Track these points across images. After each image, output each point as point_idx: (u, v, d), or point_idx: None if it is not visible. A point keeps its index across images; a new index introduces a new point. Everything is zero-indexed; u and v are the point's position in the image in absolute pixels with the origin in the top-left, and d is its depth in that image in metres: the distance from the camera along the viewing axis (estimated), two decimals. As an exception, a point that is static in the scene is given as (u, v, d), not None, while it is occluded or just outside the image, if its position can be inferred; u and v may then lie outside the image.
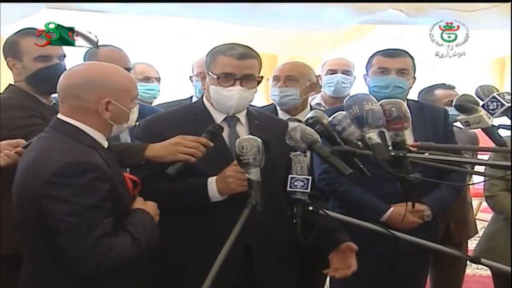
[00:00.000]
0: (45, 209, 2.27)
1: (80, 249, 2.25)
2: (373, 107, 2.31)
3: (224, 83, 2.90)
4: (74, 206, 2.24)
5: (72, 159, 2.29)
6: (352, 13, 5.25)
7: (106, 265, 2.29)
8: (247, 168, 2.51)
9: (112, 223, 2.32)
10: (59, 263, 2.33)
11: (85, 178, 2.27)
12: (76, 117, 2.42)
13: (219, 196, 2.80)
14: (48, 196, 2.26)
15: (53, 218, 2.26)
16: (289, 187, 2.49)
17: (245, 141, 2.54)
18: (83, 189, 2.26)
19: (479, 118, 2.62)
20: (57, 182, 2.26)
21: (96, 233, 2.25)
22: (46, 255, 2.38)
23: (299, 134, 2.53)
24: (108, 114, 2.41)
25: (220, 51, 2.95)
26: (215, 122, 2.94)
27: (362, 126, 2.30)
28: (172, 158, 2.75)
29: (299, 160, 2.55)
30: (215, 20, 5.19)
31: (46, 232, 2.29)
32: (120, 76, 2.51)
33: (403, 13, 5.34)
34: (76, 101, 2.41)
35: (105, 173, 2.33)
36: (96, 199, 2.28)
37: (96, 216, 2.27)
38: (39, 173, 2.30)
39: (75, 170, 2.27)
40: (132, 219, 2.42)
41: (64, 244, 2.26)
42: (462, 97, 2.72)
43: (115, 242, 2.29)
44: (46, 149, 2.39)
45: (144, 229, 2.42)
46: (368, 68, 3.65)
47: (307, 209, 2.49)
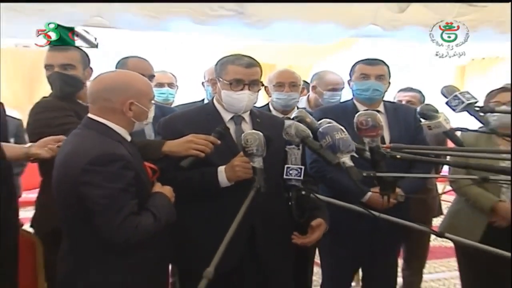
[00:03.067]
0: (82, 193, 2.29)
1: (112, 226, 2.28)
2: (343, 136, 2.30)
3: (235, 88, 2.90)
4: (105, 190, 2.28)
5: (102, 151, 2.32)
6: (339, 28, 5.24)
7: (133, 239, 2.33)
8: (251, 158, 2.56)
9: (137, 204, 2.34)
10: (93, 238, 2.35)
11: (114, 166, 2.30)
12: (105, 116, 2.45)
13: (227, 182, 2.80)
14: (84, 182, 2.29)
15: (88, 200, 2.29)
16: (285, 175, 2.52)
17: (249, 135, 2.59)
18: (112, 176, 2.29)
19: (439, 124, 2.67)
20: (91, 171, 2.29)
21: (124, 213, 2.29)
22: (82, 231, 2.40)
23: (293, 130, 2.55)
24: (131, 113, 2.45)
25: (229, 61, 2.95)
26: (224, 121, 2.95)
27: (335, 152, 2.29)
28: (185, 153, 2.76)
29: (293, 152, 2.58)
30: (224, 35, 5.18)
31: (83, 213, 2.32)
32: (140, 82, 2.54)
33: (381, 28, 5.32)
34: (105, 103, 2.44)
35: (130, 163, 2.36)
36: (124, 184, 2.31)
37: (124, 198, 2.31)
38: (75, 163, 2.32)
39: (105, 160, 2.30)
40: (153, 201, 2.44)
41: (99, 222, 2.30)
42: (424, 106, 2.75)
43: (141, 220, 2.33)
44: (80, 143, 2.41)
45: (163, 208, 2.45)
46: (351, 75, 3.65)
47: (300, 193, 2.50)
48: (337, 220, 3.27)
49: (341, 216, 3.03)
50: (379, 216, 2.28)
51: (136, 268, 2.43)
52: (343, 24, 5.21)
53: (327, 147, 2.33)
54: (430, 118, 2.67)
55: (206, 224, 2.74)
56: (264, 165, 2.54)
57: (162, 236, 2.48)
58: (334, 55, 7.08)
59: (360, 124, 2.35)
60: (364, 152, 2.33)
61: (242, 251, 2.75)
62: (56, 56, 3.22)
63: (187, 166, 2.75)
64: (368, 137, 2.34)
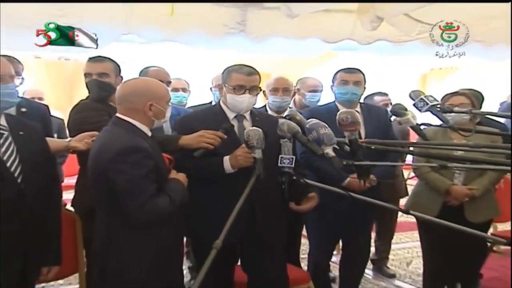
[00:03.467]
0: (110, 179, 2.29)
1: (135, 206, 2.28)
2: (326, 131, 2.28)
3: (238, 92, 2.90)
4: (130, 176, 2.28)
5: (127, 144, 2.33)
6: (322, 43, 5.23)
7: (153, 217, 2.33)
8: (252, 150, 2.58)
9: (156, 188, 2.34)
10: (120, 215, 2.35)
11: (137, 157, 2.30)
12: (129, 115, 2.44)
13: (231, 169, 2.80)
14: (112, 170, 2.29)
15: (116, 185, 2.29)
16: (279, 164, 2.50)
17: (251, 131, 2.61)
18: (135, 165, 2.29)
19: (407, 120, 2.64)
20: (118, 160, 2.29)
21: (146, 195, 2.28)
22: (112, 210, 2.39)
23: (286, 127, 2.53)
24: (151, 113, 2.44)
25: (233, 70, 2.96)
26: (229, 119, 2.94)
27: (320, 145, 2.27)
28: (198, 145, 2.76)
29: (286, 145, 2.56)
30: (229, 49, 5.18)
31: (112, 195, 2.32)
32: (158, 87, 2.54)
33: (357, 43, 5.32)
34: (130, 104, 2.44)
35: (150, 154, 2.35)
36: (145, 171, 2.30)
37: (145, 183, 2.30)
38: (105, 154, 2.33)
39: (129, 151, 2.30)
40: (169, 185, 2.43)
41: (124, 203, 2.30)
42: (396, 105, 2.73)
43: (159, 201, 2.33)
44: (110, 138, 2.41)
45: (178, 192, 2.43)
46: (333, 81, 3.63)
47: (292, 178, 2.49)
48: (321, 200, 3.25)
49: (325, 197, 3.03)
50: (356, 197, 2.28)
51: (156, 241, 2.42)
52: (326, 40, 5.21)
53: (313, 140, 2.31)
54: (400, 115, 2.66)
55: (214, 203, 2.73)
56: (262, 156, 2.55)
57: (177, 214, 2.47)
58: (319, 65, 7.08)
59: (341, 120, 2.34)
60: (344, 145, 2.33)
61: (245, 226, 2.73)
62: (95, 66, 3.25)
63: (199, 156, 2.75)
64: (348, 131, 2.33)
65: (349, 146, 2.31)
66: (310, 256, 3.85)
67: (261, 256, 2.99)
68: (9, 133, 2.24)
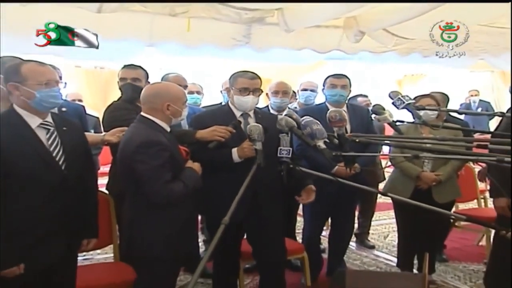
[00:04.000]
0: (133, 167, 2.30)
1: (152, 191, 2.30)
2: (319, 127, 2.30)
3: (243, 94, 2.89)
4: (148, 165, 2.28)
5: (147, 139, 2.32)
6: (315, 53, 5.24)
7: (168, 200, 2.34)
8: (254, 142, 2.58)
9: (172, 176, 2.34)
10: (142, 198, 2.35)
11: (154, 149, 2.30)
12: (151, 113, 2.44)
13: (238, 159, 2.80)
14: (134, 160, 2.30)
15: (137, 172, 2.29)
16: (278, 154, 2.50)
17: (252, 126, 2.62)
18: (153, 156, 2.29)
19: (385, 117, 2.65)
20: (139, 152, 2.29)
21: (161, 181, 2.29)
22: (135, 193, 2.40)
23: (284, 122, 2.54)
24: (169, 112, 2.43)
25: (239, 75, 2.95)
26: (236, 117, 2.93)
27: (313, 139, 2.28)
28: (211, 138, 2.76)
29: (284, 139, 2.56)
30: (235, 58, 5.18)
31: (135, 181, 2.33)
32: (175, 90, 2.53)
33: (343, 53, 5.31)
34: (151, 104, 2.44)
35: (166, 146, 2.35)
36: (161, 161, 2.30)
37: (161, 171, 2.30)
38: (129, 147, 2.34)
39: (148, 145, 2.30)
40: (184, 173, 2.42)
41: (144, 188, 2.30)
42: (376, 106, 2.73)
43: (174, 187, 2.33)
44: (133, 133, 2.41)
45: (191, 178, 2.42)
46: (324, 85, 3.62)
47: (289, 167, 2.48)
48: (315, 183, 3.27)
49: (317, 182, 3.03)
50: (342, 182, 2.27)
51: (174, 219, 2.42)
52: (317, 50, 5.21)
53: (307, 134, 2.32)
54: (380, 114, 2.66)
55: (223, 187, 2.67)
56: (263, 148, 2.55)
57: (191, 197, 2.46)
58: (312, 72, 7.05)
59: (331, 118, 2.36)
60: (333, 139, 2.32)
61: (248, 206, 2.72)
62: (129, 72, 3.28)
63: (212, 148, 2.75)
64: (337, 127, 2.34)
65: (337, 140, 2.31)
66: (304, 231, 3.85)
67: (263, 231, 2.98)
68: (55, 129, 2.24)
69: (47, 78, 2.16)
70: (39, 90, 2.13)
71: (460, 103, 9.10)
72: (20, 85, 2.12)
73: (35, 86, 2.12)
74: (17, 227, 2.11)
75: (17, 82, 2.12)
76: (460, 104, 9.01)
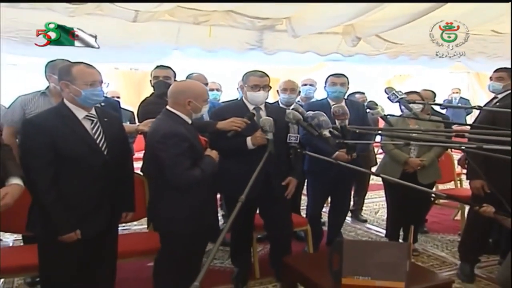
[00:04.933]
0: (157, 155, 2.28)
1: (174, 176, 2.26)
2: (325, 118, 2.27)
3: (254, 90, 2.87)
4: (169, 154, 2.24)
5: (168, 130, 2.29)
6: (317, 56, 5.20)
7: (188, 184, 2.30)
8: (266, 133, 2.58)
9: (191, 163, 2.29)
10: (165, 180, 2.32)
11: (175, 139, 2.26)
12: (175, 108, 2.40)
13: (252, 146, 2.79)
14: (158, 148, 2.27)
15: (160, 159, 2.27)
16: (288, 140, 2.53)
17: (265, 119, 2.62)
18: (173, 145, 2.25)
19: (377, 112, 2.64)
20: (162, 141, 2.26)
21: (181, 168, 2.25)
22: (159, 176, 2.36)
23: (291, 115, 2.52)
24: (189, 107, 2.38)
25: (250, 74, 2.93)
26: (249, 110, 2.90)
27: (319, 128, 2.26)
28: (229, 128, 2.74)
29: (293, 127, 2.61)
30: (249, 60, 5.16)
31: (159, 166, 2.30)
32: (197, 87, 2.46)
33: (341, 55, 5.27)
34: (175, 99, 2.40)
35: (186, 137, 2.29)
36: (180, 150, 2.25)
37: (181, 159, 2.26)
38: (154, 136, 2.32)
39: (170, 135, 2.27)
40: (203, 160, 2.37)
41: (166, 173, 2.26)
42: (370, 102, 2.72)
43: (192, 172, 2.29)
44: (159, 124, 2.39)
45: (209, 165, 2.37)
46: (326, 83, 3.57)
47: (297, 151, 2.50)
48: (317, 167, 3.28)
49: (319, 165, 3.02)
50: (341, 165, 2.25)
51: (193, 198, 2.37)
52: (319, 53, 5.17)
53: (315, 125, 2.28)
54: (373, 108, 2.65)
55: (239, 169, 2.64)
56: (274, 137, 2.54)
57: (209, 181, 2.41)
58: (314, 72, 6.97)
59: (335, 112, 2.33)
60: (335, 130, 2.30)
61: (261, 186, 2.70)
62: (162, 71, 3.29)
63: (230, 136, 2.73)
64: (339, 120, 2.32)
65: (338, 131, 2.28)
66: (307, 207, 3.83)
67: (273, 207, 2.99)
68: (98, 120, 2.26)
69: (93, 79, 2.16)
70: (85, 89, 2.13)
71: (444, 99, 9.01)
72: (70, 83, 2.13)
73: (82, 85, 2.13)
74: (69, 202, 2.14)
75: (68, 81, 2.13)
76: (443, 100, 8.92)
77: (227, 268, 3.40)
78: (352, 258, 2.15)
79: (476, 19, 3.98)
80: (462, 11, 3.81)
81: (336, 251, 2.20)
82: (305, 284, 2.52)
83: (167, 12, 3.77)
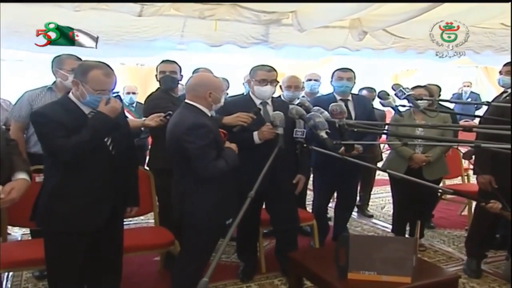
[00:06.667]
0: (183, 147, 2.29)
1: (201, 166, 2.28)
2: (321, 120, 2.27)
3: (262, 84, 2.87)
4: (197, 145, 2.26)
5: (194, 121, 2.30)
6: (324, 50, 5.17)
7: (214, 175, 2.32)
8: (276, 128, 2.59)
9: (216, 154, 2.32)
10: (190, 172, 2.33)
11: (202, 131, 2.28)
12: (195, 101, 2.41)
13: (258, 141, 2.79)
14: (184, 140, 2.28)
15: (187, 151, 2.28)
16: (294, 135, 2.52)
17: (275, 114, 2.62)
18: (201, 136, 2.27)
19: (389, 102, 2.60)
20: (188, 133, 2.27)
21: (208, 159, 2.28)
22: (184, 169, 2.38)
23: (294, 111, 2.52)
24: (211, 99, 2.40)
25: (258, 68, 2.93)
26: (256, 105, 2.90)
27: (316, 130, 2.26)
28: (236, 123, 2.75)
29: (299, 121, 2.57)
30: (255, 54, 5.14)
31: (184, 158, 2.31)
32: (215, 80, 2.49)
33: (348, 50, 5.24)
34: (195, 92, 2.41)
35: (211, 129, 2.33)
36: (207, 141, 2.28)
37: (208, 150, 2.28)
38: (180, 129, 2.32)
39: (196, 127, 2.28)
40: (225, 152, 2.39)
41: (194, 164, 2.29)
42: (381, 92, 2.67)
43: (218, 164, 2.31)
44: (182, 117, 2.38)
45: (231, 157, 2.40)
46: (332, 77, 3.55)
47: (303, 146, 2.52)
48: (322, 162, 3.27)
49: (325, 160, 3.01)
50: (348, 159, 2.23)
51: (218, 189, 2.40)
52: (326, 48, 5.14)
53: (311, 126, 2.30)
54: (384, 99, 2.61)
55: (246, 164, 2.58)
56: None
57: (230, 173, 2.42)
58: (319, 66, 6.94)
59: (333, 111, 2.36)
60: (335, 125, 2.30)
61: (269, 180, 2.67)
62: (168, 66, 3.25)
63: (236, 131, 2.73)
64: (337, 119, 2.33)
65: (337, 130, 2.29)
66: (313, 202, 3.84)
67: (279, 202, 2.99)
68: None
69: (103, 89, 2.13)
70: (91, 94, 2.12)
71: (453, 93, 8.91)
72: (80, 84, 2.12)
73: (90, 90, 2.11)
74: (74, 195, 2.16)
75: (81, 81, 2.12)
76: (452, 94, 8.83)
77: (233, 263, 3.41)
78: (358, 253, 2.15)
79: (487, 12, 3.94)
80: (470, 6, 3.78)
81: (342, 246, 2.19)
82: (311, 279, 2.52)
83: (172, 7, 3.75)
